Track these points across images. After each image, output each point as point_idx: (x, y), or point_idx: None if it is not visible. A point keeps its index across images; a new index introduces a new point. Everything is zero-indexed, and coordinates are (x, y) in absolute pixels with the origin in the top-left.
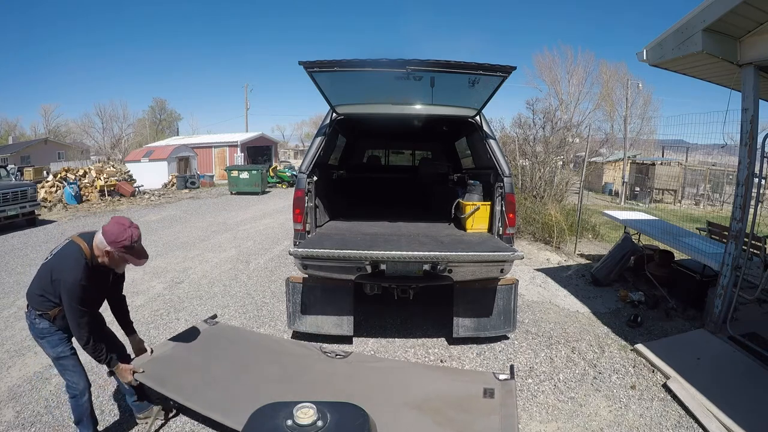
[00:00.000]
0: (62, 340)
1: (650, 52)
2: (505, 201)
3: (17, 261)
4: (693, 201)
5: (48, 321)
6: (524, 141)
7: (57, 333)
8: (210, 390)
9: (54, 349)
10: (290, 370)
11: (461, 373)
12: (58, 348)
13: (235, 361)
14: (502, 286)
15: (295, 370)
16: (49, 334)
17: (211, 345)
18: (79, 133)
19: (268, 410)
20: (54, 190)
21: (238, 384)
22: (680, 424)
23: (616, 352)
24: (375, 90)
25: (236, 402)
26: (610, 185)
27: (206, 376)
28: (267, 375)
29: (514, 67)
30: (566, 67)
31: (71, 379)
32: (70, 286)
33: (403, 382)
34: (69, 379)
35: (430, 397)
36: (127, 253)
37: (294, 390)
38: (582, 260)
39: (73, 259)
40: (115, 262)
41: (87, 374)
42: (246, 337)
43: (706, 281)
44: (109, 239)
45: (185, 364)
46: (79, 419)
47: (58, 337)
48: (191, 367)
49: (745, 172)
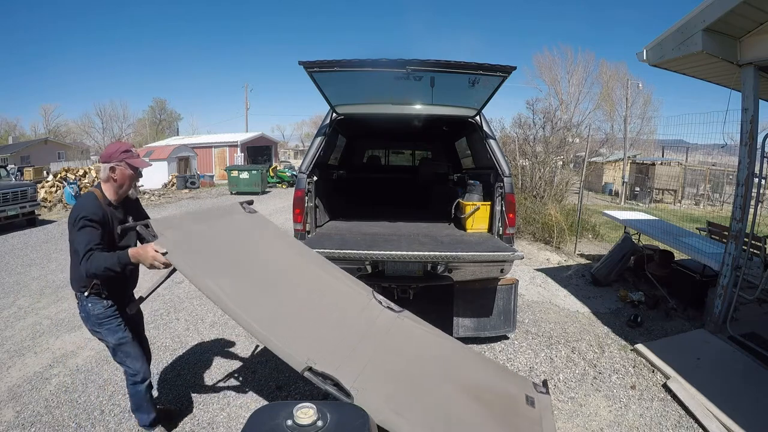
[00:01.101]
0: (120, 325)
1: (650, 52)
2: (505, 201)
3: (17, 261)
4: (693, 201)
5: (100, 300)
6: (524, 141)
7: (114, 316)
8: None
9: (114, 335)
10: (334, 302)
11: (503, 371)
12: (117, 334)
13: (272, 269)
14: (502, 286)
15: (340, 305)
16: (106, 318)
17: (246, 238)
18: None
19: (268, 410)
20: (54, 190)
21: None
22: (680, 424)
23: (616, 352)
24: (375, 90)
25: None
26: (610, 185)
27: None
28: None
29: (514, 67)
30: (566, 67)
31: (132, 366)
32: (75, 215)
33: (447, 357)
34: (130, 366)
35: (474, 383)
36: (128, 158)
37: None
38: (582, 260)
39: (83, 199)
40: (123, 179)
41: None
42: (287, 243)
43: (706, 281)
44: (107, 155)
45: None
46: (138, 406)
47: (116, 322)
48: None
49: (745, 172)
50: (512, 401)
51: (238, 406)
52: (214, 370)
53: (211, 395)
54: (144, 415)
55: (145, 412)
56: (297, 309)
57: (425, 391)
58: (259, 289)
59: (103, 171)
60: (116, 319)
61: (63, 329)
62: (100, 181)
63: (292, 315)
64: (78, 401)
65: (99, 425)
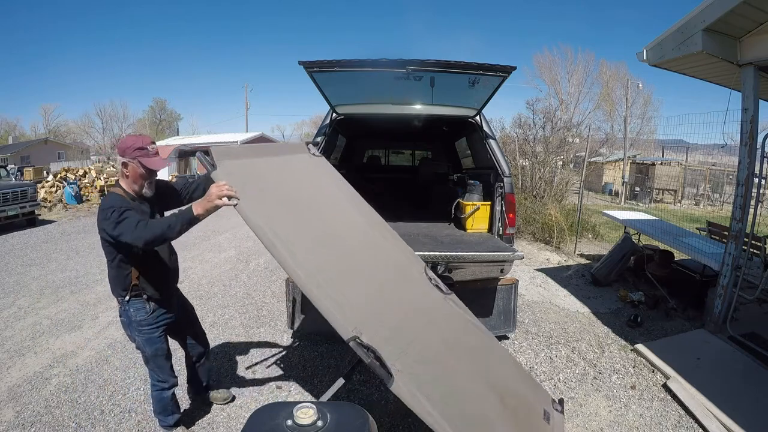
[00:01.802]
0: (161, 336)
1: (650, 52)
2: (505, 201)
3: (17, 261)
4: (693, 201)
5: (143, 303)
6: (524, 141)
7: (155, 324)
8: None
9: (152, 346)
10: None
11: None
12: (155, 345)
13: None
14: (502, 286)
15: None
16: (147, 326)
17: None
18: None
19: (268, 410)
20: (54, 190)
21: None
22: (680, 424)
23: (616, 352)
24: (375, 90)
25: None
26: (610, 185)
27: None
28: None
29: (514, 67)
30: (566, 67)
31: (162, 376)
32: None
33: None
34: (160, 376)
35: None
36: (141, 156)
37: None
38: (582, 260)
39: (108, 198)
40: (135, 176)
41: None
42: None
43: (706, 281)
44: (121, 149)
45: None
46: (162, 409)
47: (157, 332)
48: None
49: (745, 172)
50: (531, 412)
51: (238, 406)
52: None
53: None
54: (168, 416)
55: (169, 414)
56: (349, 270)
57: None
58: (311, 237)
59: (119, 167)
60: (157, 328)
61: (63, 329)
62: (119, 178)
63: (344, 275)
64: (78, 401)
65: (99, 425)
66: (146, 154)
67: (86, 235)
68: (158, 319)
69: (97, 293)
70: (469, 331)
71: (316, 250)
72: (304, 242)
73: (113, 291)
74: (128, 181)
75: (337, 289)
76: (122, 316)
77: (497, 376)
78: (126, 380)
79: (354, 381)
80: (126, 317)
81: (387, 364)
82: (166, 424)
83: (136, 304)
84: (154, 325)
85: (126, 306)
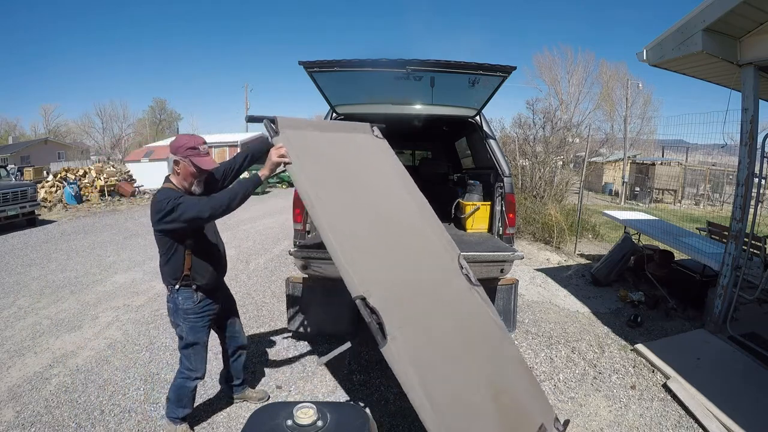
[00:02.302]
0: (204, 327)
1: (650, 52)
2: (505, 201)
3: (17, 261)
4: (693, 201)
5: (192, 293)
6: (524, 141)
7: (201, 314)
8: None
9: (195, 334)
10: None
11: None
12: (198, 334)
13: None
14: (502, 286)
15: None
16: (194, 314)
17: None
18: (79, 133)
19: (268, 410)
20: (54, 190)
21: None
22: (680, 424)
23: (616, 352)
24: (375, 90)
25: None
26: (610, 185)
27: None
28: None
29: (514, 67)
30: (566, 67)
31: (195, 364)
32: (161, 206)
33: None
34: (192, 364)
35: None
36: (193, 156)
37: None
38: (582, 260)
39: (161, 192)
40: (186, 174)
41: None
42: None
43: (706, 281)
44: (174, 148)
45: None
46: (178, 398)
47: (201, 323)
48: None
49: (745, 172)
50: (525, 420)
51: (238, 406)
52: (213, 370)
53: (210, 395)
54: (179, 409)
55: (182, 407)
56: (378, 241)
57: (456, 368)
58: (350, 207)
59: (169, 163)
60: (202, 318)
61: (63, 329)
62: (171, 175)
63: (373, 244)
64: (78, 401)
65: (99, 425)
66: (198, 154)
67: (86, 235)
68: (204, 309)
69: (97, 293)
70: (485, 325)
71: (352, 219)
72: (343, 210)
73: (164, 279)
74: (179, 178)
75: (359, 254)
76: (170, 302)
77: (500, 374)
78: (126, 380)
79: (354, 381)
80: (173, 303)
81: (386, 329)
82: (174, 416)
83: (184, 293)
84: (199, 314)
85: (175, 294)
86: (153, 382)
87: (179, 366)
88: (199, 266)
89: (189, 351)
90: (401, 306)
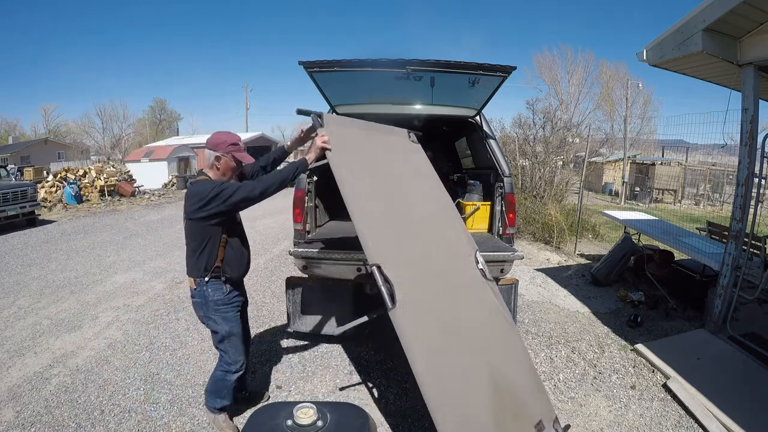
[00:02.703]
0: (236, 315)
1: (650, 52)
2: (505, 201)
3: (17, 261)
4: (693, 201)
5: (221, 284)
6: (524, 141)
7: (231, 304)
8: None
9: (228, 324)
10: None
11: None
12: (231, 323)
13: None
14: (502, 286)
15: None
16: (224, 305)
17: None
18: (79, 133)
19: (268, 410)
20: (54, 190)
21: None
22: (680, 424)
23: (616, 352)
24: (375, 90)
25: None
26: (610, 185)
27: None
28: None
29: (514, 67)
30: (566, 67)
31: (234, 356)
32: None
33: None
34: (232, 356)
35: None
36: (235, 151)
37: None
38: (582, 260)
39: (201, 184)
40: (225, 169)
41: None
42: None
43: (706, 281)
44: (214, 144)
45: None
46: (217, 390)
47: (233, 312)
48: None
49: (745, 172)
50: (523, 411)
51: (238, 406)
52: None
53: None
54: (218, 399)
55: (220, 398)
56: (401, 225)
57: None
58: (379, 194)
59: (208, 158)
60: (233, 308)
61: (63, 329)
62: (203, 167)
63: (395, 226)
64: (78, 401)
65: (99, 425)
66: (239, 149)
67: (86, 235)
68: (233, 300)
69: (97, 293)
70: (493, 316)
71: (378, 202)
72: (370, 193)
73: (192, 272)
74: (217, 173)
75: (379, 231)
76: (196, 297)
77: (502, 362)
78: (126, 380)
79: (354, 381)
80: (202, 297)
81: (396, 297)
82: (213, 406)
83: (214, 284)
84: (229, 304)
85: (204, 286)
86: (153, 382)
87: (219, 360)
88: (231, 258)
89: (225, 344)
90: (413, 282)
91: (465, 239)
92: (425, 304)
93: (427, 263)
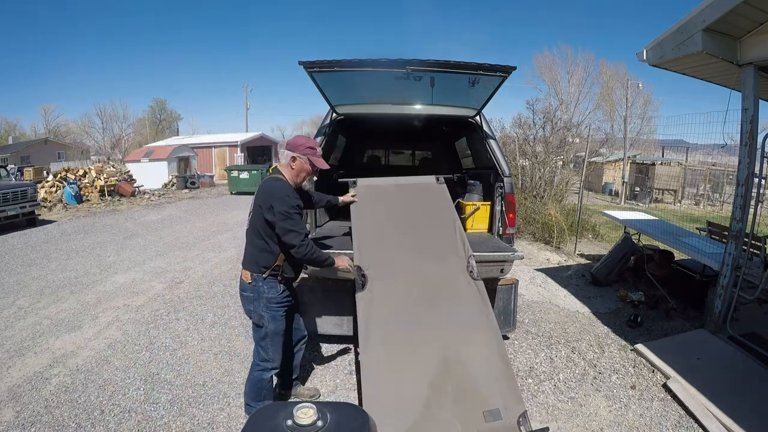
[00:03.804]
0: (285, 316)
1: (650, 52)
2: (505, 201)
3: (17, 261)
4: (693, 201)
5: (277, 284)
6: (524, 141)
7: (283, 304)
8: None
9: (276, 323)
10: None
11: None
12: (279, 323)
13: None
14: (502, 286)
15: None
16: (277, 304)
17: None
18: (79, 133)
19: (267, 410)
20: (54, 190)
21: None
22: (680, 424)
23: (616, 352)
24: (375, 90)
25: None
26: (610, 185)
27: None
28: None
29: (514, 67)
30: (566, 67)
31: (274, 355)
32: (283, 197)
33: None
34: (271, 353)
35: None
36: (312, 155)
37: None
38: (582, 260)
39: (279, 184)
40: (300, 170)
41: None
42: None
43: (706, 281)
44: (293, 145)
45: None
46: (255, 394)
47: (282, 312)
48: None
49: (745, 172)
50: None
51: (238, 406)
52: (213, 370)
53: (211, 395)
54: (259, 403)
55: (260, 400)
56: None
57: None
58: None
59: (284, 156)
60: (284, 308)
61: (63, 329)
62: (278, 165)
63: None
64: (78, 401)
65: (99, 425)
66: (315, 154)
67: (86, 235)
68: (285, 300)
69: (97, 293)
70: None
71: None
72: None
73: (250, 265)
74: (292, 174)
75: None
76: (248, 291)
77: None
78: (126, 380)
79: (354, 381)
80: (255, 293)
81: (367, 285)
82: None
83: (270, 282)
84: (281, 304)
85: (260, 283)
86: (153, 382)
87: (253, 359)
88: (291, 260)
89: (267, 341)
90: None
91: (460, 243)
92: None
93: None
